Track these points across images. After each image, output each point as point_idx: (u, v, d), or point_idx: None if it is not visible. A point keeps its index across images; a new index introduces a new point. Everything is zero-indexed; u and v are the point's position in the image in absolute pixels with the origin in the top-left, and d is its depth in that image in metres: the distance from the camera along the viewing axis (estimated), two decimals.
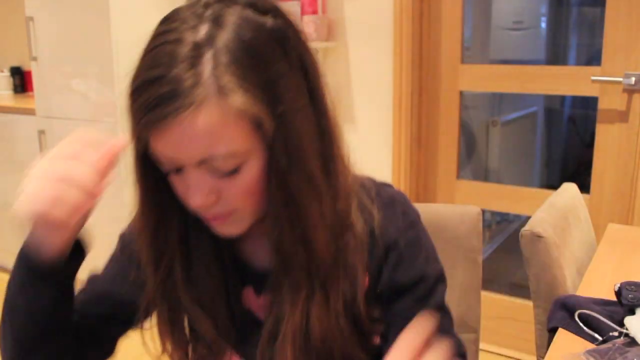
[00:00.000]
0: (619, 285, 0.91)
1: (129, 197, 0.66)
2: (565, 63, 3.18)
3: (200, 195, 0.60)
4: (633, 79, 1.79)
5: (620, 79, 1.81)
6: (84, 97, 2.38)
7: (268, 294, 0.70)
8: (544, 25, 3.03)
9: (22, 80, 3.50)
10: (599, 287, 1.02)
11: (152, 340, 0.73)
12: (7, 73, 3.52)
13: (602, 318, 0.86)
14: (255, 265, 0.74)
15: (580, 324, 0.88)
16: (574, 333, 0.88)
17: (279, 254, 0.65)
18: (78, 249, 0.67)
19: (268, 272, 0.68)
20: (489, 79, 2.11)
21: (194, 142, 0.56)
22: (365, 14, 2.19)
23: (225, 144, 0.57)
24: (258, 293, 0.73)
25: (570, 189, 1.42)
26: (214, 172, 0.59)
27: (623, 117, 1.85)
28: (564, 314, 0.92)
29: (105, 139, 0.61)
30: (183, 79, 0.54)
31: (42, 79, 2.55)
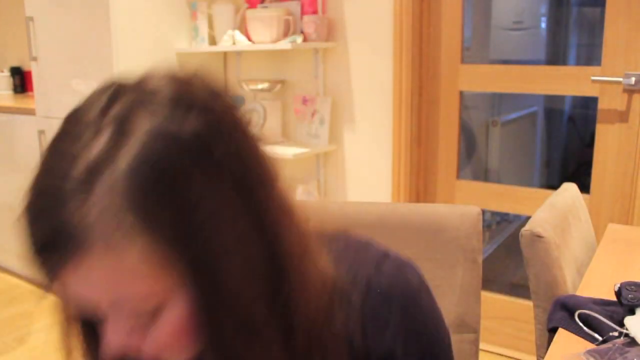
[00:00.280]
0: (619, 285, 0.91)
1: None
2: (565, 63, 3.18)
3: (116, 343, 0.50)
4: (633, 79, 1.79)
5: (620, 79, 1.81)
6: (84, 97, 2.37)
7: None
8: (544, 25, 3.03)
9: (22, 80, 3.50)
10: (599, 287, 1.02)
11: None
12: (7, 73, 3.52)
13: (602, 318, 0.86)
14: None
15: (580, 324, 0.88)
16: (574, 333, 0.88)
17: None
18: None
19: None
20: (489, 79, 2.11)
21: (92, 289, 0.47)
22: (365, 14, 2.19)
23: (131, 289, 0.46)
24: None
25: (570, 189, 1.42)
26: (130, 317, 0.49)
27: (623, 117, 1.85)
28: (564, 314, 0.92)
29: None
30: (71, 218, 0.43)
31: (42, 79, 2.55)
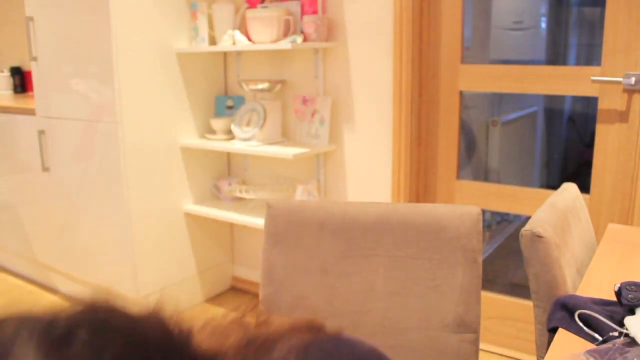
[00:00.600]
0: (619, 285, 0.91)
1: (129, 197, 0.66)
2: (565, 63, 3.18)
3: None
4: (633, 79, 1.79)
5: (620, 79, 1.81)
6: (84, 97, 2.38)
7: None
8: (544, 25, 3.02)
9: (22, 80, 3.51)
10: (599, 287, 1.02)
11: None
12: (7, 73, 3.52)
13: (602, 318, 0.86)
14: None
15: (580, 324, 0.88)
16: (574, 333, 0.88)
17: None
18: None
19: None
20: (489, 79, 2.11)
21: None
22: (365, 14, 2.19)
23: None
24: None
25: (570, 189, 1.42)
26: None
27: (623, 117, 1.85)
28: (564, 314, 0.92)
29: None
30: None
31: (42, 79, 2.55)
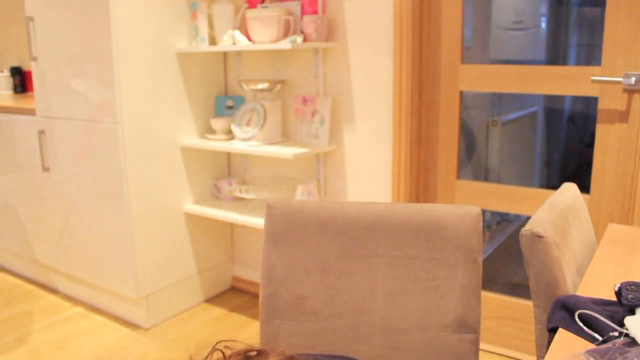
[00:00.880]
0: (619, 285, 0.91)
1: (129, 197, 0.66)
2: (565, 63, 3.18)
3: None
4: (633, 79, 1.79)
5: (620, 79, 1.81)
6: (84, 97, 2.38)
7: None
8: (544, 25, 3.02)
9: (22, 80, 3.51)
10: (599, 287, 1.02)
11: None
12: (7, 73, 3.52)
13: (602, 318, 0.86)
14: None
15: (580, 324, 0.88)
16: (574, 333, 0.88)
17: None
18: None
19: None
20: (489, 79, 2.11)
21: None
22: (365, 14, 2.19)
23: None
24: None
25: (570, 189, 1.42)
26: None
27: (623, 117, 1.85)
28: (564, 314, 0.92)
29: None
30: None
31: (42, 79, 2.55)
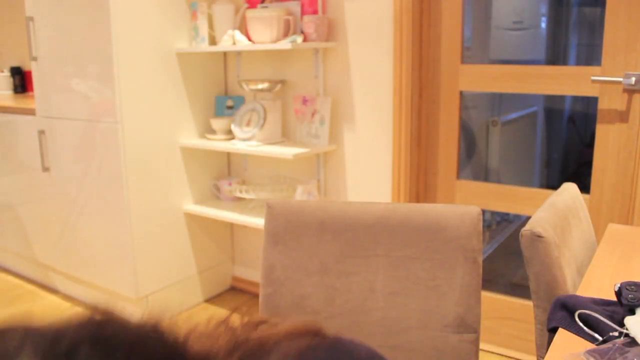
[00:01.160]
0: (619, 285, 0.91)
1: (129, 197, 0.66)
2: (565, 63, 3.18)
3: None
4: (633, 79, 1.79)
5: (620, 79, 1.81)
6: (84, 97, 2.38)
7: None
8: (544, 25, 3.03)
9: (22, 80, 3.51)
10: (599, 287, 1.02)
11: None
12: (7, 73, 3.52)
13: (602, 318, 0.86)
14: None
15: (580, 324, 0.88)
16: (574, 333, 0.88)
17: None
18: None
19: None
20: (489, 79, 2.11)
21: None
22: (365, 14, 2.19)
23: None
24: None
25: (570, 189, 1.42)
26: None
27: (623, 117, 1.85)
28: (564, 314, 0.92)
29: None
30: None
31: (42, 79, 2.55)
